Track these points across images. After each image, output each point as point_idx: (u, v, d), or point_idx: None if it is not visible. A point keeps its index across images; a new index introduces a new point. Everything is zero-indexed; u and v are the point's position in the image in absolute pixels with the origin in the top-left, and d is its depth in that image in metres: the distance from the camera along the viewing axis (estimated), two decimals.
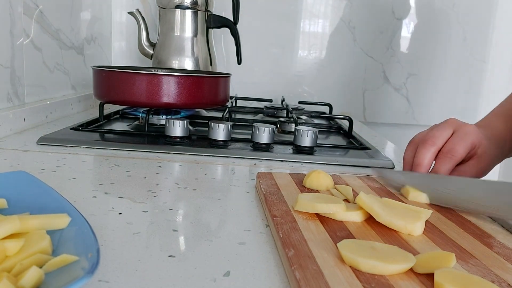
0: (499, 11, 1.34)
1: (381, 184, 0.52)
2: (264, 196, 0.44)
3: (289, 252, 0.32)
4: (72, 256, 0.27)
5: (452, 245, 0.35)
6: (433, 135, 0.52)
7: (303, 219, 0.38)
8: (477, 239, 0.37)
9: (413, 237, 0.36)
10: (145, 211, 0.42)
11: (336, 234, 0.36)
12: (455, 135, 0.52)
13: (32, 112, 0.79)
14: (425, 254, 0.32)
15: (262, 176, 0.51)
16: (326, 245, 0.33)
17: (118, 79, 0.75)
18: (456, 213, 0.43)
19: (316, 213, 0.40)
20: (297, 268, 0.29)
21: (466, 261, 0.32)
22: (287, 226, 0.36)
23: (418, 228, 0.37)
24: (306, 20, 1.32)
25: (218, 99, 0.82)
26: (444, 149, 0.51)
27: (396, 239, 0.36)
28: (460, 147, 0.50)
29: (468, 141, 0.51)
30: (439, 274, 0.28)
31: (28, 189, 0.38)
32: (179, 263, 0.32)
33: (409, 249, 0.34)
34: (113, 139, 0.71)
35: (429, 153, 0.51)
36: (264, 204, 0.43)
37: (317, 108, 1.22)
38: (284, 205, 0.42)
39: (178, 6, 1.01)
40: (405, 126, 1.39)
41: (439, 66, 1.36)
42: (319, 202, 0.39)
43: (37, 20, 0.83)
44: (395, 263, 0.29)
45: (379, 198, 0.41)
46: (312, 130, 0.69)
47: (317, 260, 0.30)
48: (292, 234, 0.35)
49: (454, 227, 0.39)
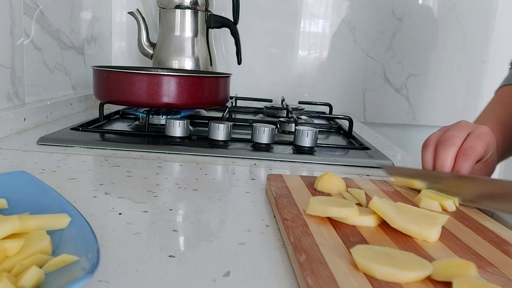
0: (499, 11, 1.34)
1: (394, 188, 0.51)
2: (274, 198, 0.44)
3: (300, 257, 0.31)
4: (72, 256, 0.27)
5: (469, 252, 0.34)
6: (451, 136, 0.51)
7: (315, 223, 0.37)
8: (495, 246, 0.36)
9: (428, 243, 0.35)
10: (145, 211, 0.42)
11: (349, 239, 0.35)
12: (472, 134, 0.52)
13: (32, 112, 0.79)
14: (443, 262, 0.30)
15: (272, 178, 0.50)
16: (338, 251, 0.32)
17: (118, 79, 0.75)
18: (472, 219, 0.42)
19: (328, 217, 0.39)
20: (309, 274, 0.28)
21: (484, 269, 0.31)
22: (298, 230, 0.36)
23: (433, 234, 0.36)
24: (307, 20, 1.32)
25: (218, 99, 0.81)
26: (463, 147, 0.50)
27: (411, 245, 0.35)
28: (479, 145, 0.50)
29: (485, 140, 0.51)
30: (458, 283, 0.27)
31: (28, 189, 0.38)
32: (179, 263, 0.32)
33: (424, 255, 0.33)
34: (113, 139, 0.71)
35: (450, 154, 0.50)
36: (275, 207, 0.42)
37: (317, 108, 1.22)
38: (295, 208, 0.41)
39: (178, 6, 1.01)
40: (405, 126, 1.39)
41: (439, 66, 1.36)
42: (331, 205, 0.38)
43: (37, 20, 0.83)
44: (412, 271, 0.28)
45: (393, 202, 0.40)
46: (312, 130, 0.69)
47: (330, 266, 0.29)
48: (304, 239, 0.34)
49: (471, 234, 0.38)
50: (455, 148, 0.51)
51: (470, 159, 0.50)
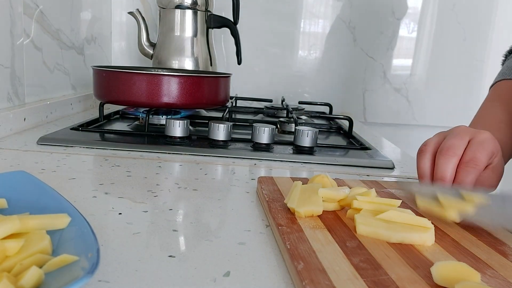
0: (499, 11, 1.34)
1: (387, 189, 0.51)
2: (267, 203, 0.43)
3: (298, 265, 0.30)
4: (72, 256, 0.27)
5: (466, 255, 0.34)
6: (452, 145, 0.47)
7: (310, 228, 0.37)
8: (492, 247, 0.36)
9: (425, 247, 0.35)
10: (145, 211, 0.42)
11: (345, 244, 0.35)
12: (472, 142, 0.48)
13: (32, 112, 0.79)
14: (447, 266, 0.30)
15: (263, 181, 0.50)
16: (336, 257, 0.32)
17: (118, 79, 0.75)
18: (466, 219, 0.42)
19: (322, 222, 0.39)
20: (309, 283, 0.28)
21: (483, 272, 0.31)
22: (294, 236, 0.35)
23: (429, 239, 0.36)
24: (306, 20, 1.32)
25: (218, 99, 0.82)
26: (465, 159, 0.47)
27: (408, 248, 0.35)
28: (481, 155, 0.47)
29: (488, 149, 0.48)
30: None
31: (28, 189, 0.38)
32: (179, 263, 0.32)
33: (423, 259, 0.33)
34: (113, 139, 0.71)
35: (451, 164, 0.46)
36: (268, 213, 0.42)
37: (317, 108, 1.22)
38: (289, 213, 0.40)
39: (178, 6, 1.01)
40: (405, 126, 1.39)
41: (439, 66, 1.36)
42: None
43: (37, 20, 0.83)
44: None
45: (380, 216, 0.38)
46: (312, 130, 0.69)
47: (329, 275, 0.29)
48: (300, 245, 0.33)
49: (467, 235, 0.38)
50: (456, 158, 0.47)
51: (474, 171, 0.46)
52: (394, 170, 0.66)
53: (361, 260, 0.32)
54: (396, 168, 0.66)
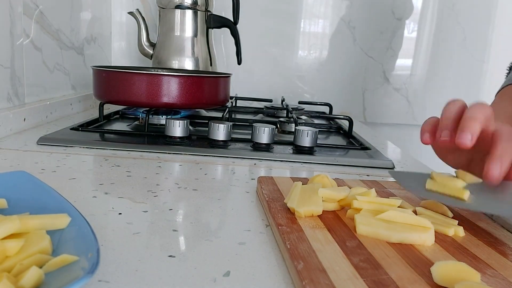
0: (499, 11, 1.34)
1: (383, 186, 0.51)
2: (267, 203, 0.43)
3: (298, 265, 0.30)
4: (72, 256, 0.27)
5: (466, 254, 0.34)
6: (474, 112, 0.46)
7: (310, 228, 0.37)
8: (491, 247, 0.36)
9: (425, 247, 0.35)
10: (145, 211, 0.42)
11: (345, 244, 0.35)
12: None
13: (32, 112, 0.79)
14: (447, 265, 0.30)
15: (263, 181, 0.50)
16: (336, 257, 0.32)
17: (118, 79, 0.75)
18: (465, 218, 0.42)
19: (322, 221, 0.39)
20: (309, 283, 0.28)
21: (483, 272, 0.31)
22: (294, 235, 0.35)
23: (429, 239, 0.36)
24: (306, 20, 1.32)
25: (218, 99, 0.82)
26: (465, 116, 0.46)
27: (408, 248, 0.35)
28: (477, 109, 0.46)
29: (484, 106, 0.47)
30: None
31: (28, 189, 0.38)
32: (179, 263, 0.32)
33: (423, 259, 0.33)
34: (113, 139, 0.71)
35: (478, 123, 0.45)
36: (268, 213, 0.42)
37: (317, 108, 1.22)
38: (289, 213, 0.40)
39: (178, 6, 1.01)
40: (405, 126, 1.39)
41: (439, 66, 1.36)
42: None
43: (37, 20, 0.83)
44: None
45: (380, 216, 0.38)
46: (312, 130, 0.69)
47: (329, 274, 0.29)
48: (300, 245, 0.34)
49: (467, 234, 0.38)
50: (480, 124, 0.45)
51: (476, 122, 0.44)
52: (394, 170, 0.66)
53: (361, 260, 0.32)
54: (396, 168, 0.66)
